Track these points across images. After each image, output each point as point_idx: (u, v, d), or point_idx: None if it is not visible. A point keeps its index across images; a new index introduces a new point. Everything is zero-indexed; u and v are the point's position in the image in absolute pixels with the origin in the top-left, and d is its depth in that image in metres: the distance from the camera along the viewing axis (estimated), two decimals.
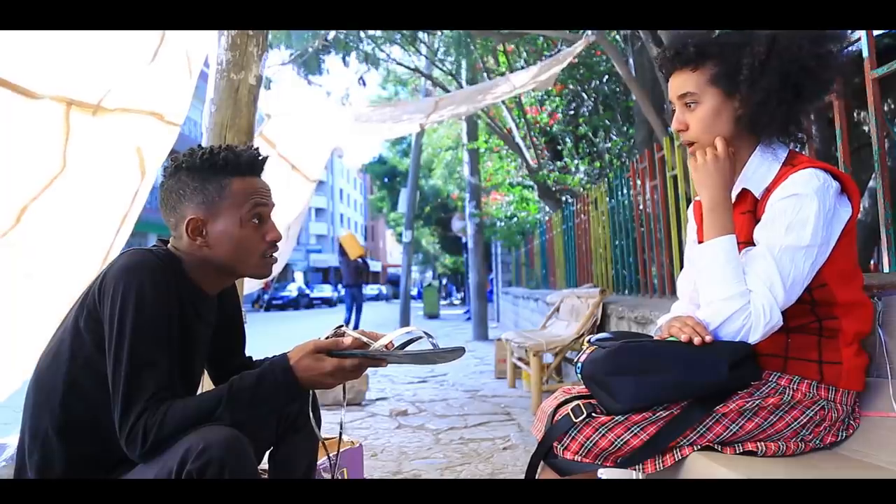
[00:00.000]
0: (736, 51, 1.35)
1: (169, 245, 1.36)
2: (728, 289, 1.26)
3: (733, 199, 1.41)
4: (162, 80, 2.35)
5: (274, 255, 1.39)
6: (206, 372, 1.58)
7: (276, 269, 1.70)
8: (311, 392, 1.46)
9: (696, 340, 1.25)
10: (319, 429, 1.50)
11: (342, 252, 10.64)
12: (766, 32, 1.33)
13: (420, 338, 1.35)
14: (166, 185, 1.35)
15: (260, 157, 1.39)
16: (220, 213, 1.31)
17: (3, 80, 1.77)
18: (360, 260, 10.51)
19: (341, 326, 1.34)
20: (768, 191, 1.33)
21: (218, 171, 1.32)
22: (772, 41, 1.31)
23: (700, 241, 1.52)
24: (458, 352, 1.26)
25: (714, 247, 1.31)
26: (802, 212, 1.25)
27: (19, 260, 2.04)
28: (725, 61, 1.35)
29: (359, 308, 10.69)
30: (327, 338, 1.28)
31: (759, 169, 1.38)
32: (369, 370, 6.12)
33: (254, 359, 1.62)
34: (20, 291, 2.08)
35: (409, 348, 1.32)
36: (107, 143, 2.20)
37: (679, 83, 1.40)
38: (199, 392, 1.46)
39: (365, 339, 1.26)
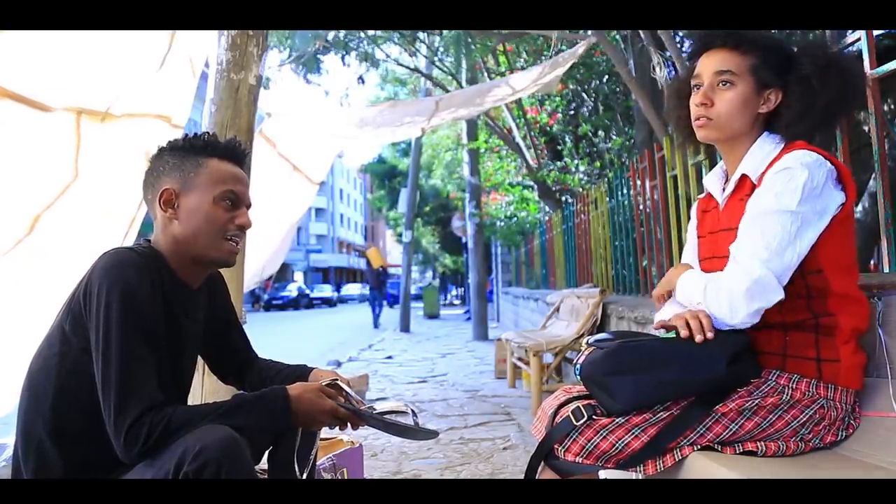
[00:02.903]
0: (780, 50, 1.39)
1: (151, 241, 1.37)
2: (703, 279, 1.34)
3: (732, 186, 1.42)
4: (169, 84, 2.37)
5: (238, 241, 1.39)
6: (204, 373, 1.58)
7: (273, 268, 1.72)
8: (297, 437, 1.45)
9: (698, 338, 1.26)
10: (303, 472, 1.46)
11: (368, 262, 15.14)
12: (821, 43, 1.38)
13: (405, 412, 1.49)
14: (150, 167, 1.38)
15: (240, 146, 1.41)
16: (193, 187, 1.33)
17: (18, 95, 1.80)
18: (381, 268, 14.93)
19: (336, 380, 1.43)
20: (764, 173, 1.34)
21: (198, 151, 1.35)
22: (831, 53, 1.36)
23: (700, 236, 1.54)
24: (432, 434, 1.41)
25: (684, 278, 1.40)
26: (792, 181, 1.26)
27: (33, 266, 2.07)
28: (770, 57, 1.37)
29: (380, 305, 14.96)
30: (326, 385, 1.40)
31: (758, 155, 1.39)
32: (368, 371, 6.06)
33: (274, 360, 1.65)
34: (35, 297, 2.10)
35: (393, 416, 1.44)
36: (117, 149, 2.23)
37: (720, 59, 1.39)
38: (190, 387, 1.48)
39: (357, 399, 1.41)
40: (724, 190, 1.47)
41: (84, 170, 2.10)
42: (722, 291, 1.28)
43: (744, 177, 1.40)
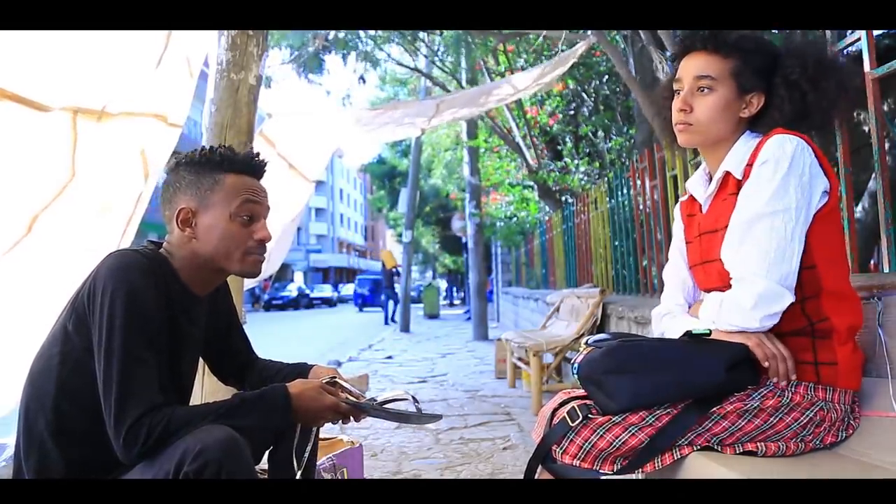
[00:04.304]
0: (764, 52, 1.36)
1: (163, 248, 1.36)
2: (719, 298, 1.32)
3: (716, 186, 1.41)
4: (165, 83, 2.36)
5: (261, 255, 1.39)
6: (204, 373, 1.57)
7: (272, 268, 1.73)
8: (296, 434, 1.44)
9: (782, 384, 1.27)
10: (300, 468, 1.44)
11: (382, 264, 16.64)
12: (811, 44, 1.36)
13: (405, 399, 1.48)
14: (166, 181, 1.38)
15: (257, 158, 1.40)
16: (210, 205, 1.32)
17: (17, 96, 1.80)
18: (394, 269, 15.89)
19: (334, 377, 1.43)
20: (749, 166, 1.33)
21: (214, 166, 1.34)
22: (821, 55, 1.34)
23: (688, 241, 1.52)
24: (435, 417, 1.42)
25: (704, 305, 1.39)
26: (777, 175, 1.24)
27: (32, 267, 2.07)
28: (753, 60, 1.35)
29: (396, 302, 15.32)
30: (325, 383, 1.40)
31: (739, 152, 1.37)
32: (368, 371, 6.06)
33: (273, 360, 1.65)
34: (34, 297, 2.10)
35: (394, 405, 1.45)
36: (112, 148, 2.22)
37: (700, 64, 1.37)
38: (191, 390, 1.48)
39: (357, 393, 1.41)
40: (707, 192, 1.45)
41: (81, 169, 2.09)
42: (733, 306, 1.28)
43: (726, 174, 1.38)
